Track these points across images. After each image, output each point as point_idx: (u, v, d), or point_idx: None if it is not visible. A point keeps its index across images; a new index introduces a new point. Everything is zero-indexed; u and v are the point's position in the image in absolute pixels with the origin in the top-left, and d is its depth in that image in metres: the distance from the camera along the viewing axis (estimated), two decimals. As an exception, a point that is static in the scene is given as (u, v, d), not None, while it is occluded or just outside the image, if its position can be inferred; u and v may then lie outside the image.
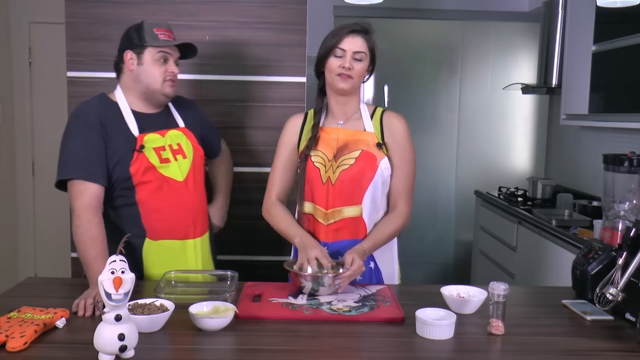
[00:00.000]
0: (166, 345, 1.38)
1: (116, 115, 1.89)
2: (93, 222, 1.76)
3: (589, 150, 3.69)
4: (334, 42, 1.81)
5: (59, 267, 3.94)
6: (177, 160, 1.91)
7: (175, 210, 1.90)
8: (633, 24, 2.88)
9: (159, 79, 1.89)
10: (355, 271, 1.69)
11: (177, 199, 1.90)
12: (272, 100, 2.54)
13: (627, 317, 1.54)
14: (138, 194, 1.86)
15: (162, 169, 1.88)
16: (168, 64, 1.91)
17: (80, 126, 1.85)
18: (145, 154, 1.85)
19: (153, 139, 1.89)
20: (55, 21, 3.64)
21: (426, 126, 4.45)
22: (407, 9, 4.39)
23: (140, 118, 1.91)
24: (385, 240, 1.86)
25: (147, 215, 1.87)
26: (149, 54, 1.88)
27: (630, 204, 1.78)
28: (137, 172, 1.84)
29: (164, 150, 1.90)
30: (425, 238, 4.50)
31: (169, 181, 1.89)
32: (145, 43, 1.88)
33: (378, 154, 1.84)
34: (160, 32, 1.90)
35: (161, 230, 1.89)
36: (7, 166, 4.15)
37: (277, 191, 1.93)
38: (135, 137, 1.86)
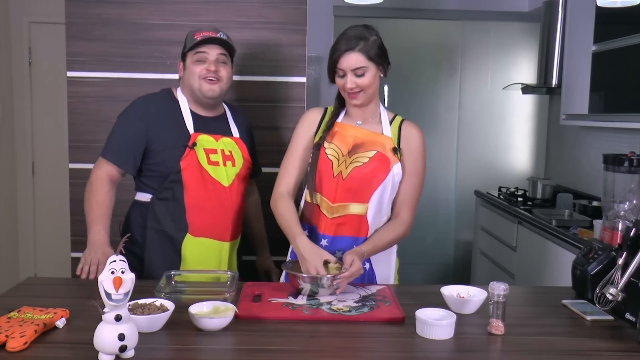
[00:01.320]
0: (166, 345, 1.38)
1: (175, 111, 2.01)
2: (101, 190, 1.92)
3: (589, 150, 3.69)
4: (333, 62, 1.81)
5: (59, 267, 3.95)
6: (226, 166, 2.00)
7: (218, 213, 1.98)
8: (633, 24, 2.88)
9: (196, 77, 1.97)
10: (354, 272, 1.69)
11: (220, 202, 1.98)
12: (272, 100, 2.54)
13: (627, 317, 1.54)
14: (186, 191, 1.94)
15: (210, 170, 1.96)
16: (206, 63, 1.97)
17: (129, 115, 2.00)
18: (196, 151, 1.94)
19: (206, 140, 1.98)
20: (55, 21, 3.65)
21: (426, 126, 4.43)
22: (407, 9, 4.39)
23: (197, 118, 2.02)
24: (384, 246, 1.87)
25: (191, 212, 1.95)
26: (189, 58, 2.00)
27: (630, 204, 1.78)
28: (187, 168, 1.93)
29: (215, 154, 1.98)
30: (425, 238, 4.50)
31: (215, 183, 1.97)
32: (185, 50, 2.01)
33: (392, 158, 1.85)
34: (199, 35, 1.97)
35: (202, 228, 1.97)
36: (7, 166, 4.15)
37: (288, 181, 1.90)
38: (189, 134, 1.96)
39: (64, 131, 2.56)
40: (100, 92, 2.49)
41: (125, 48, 2.49)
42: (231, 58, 2.05)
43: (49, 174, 4.22)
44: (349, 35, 1.80)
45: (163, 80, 2.49)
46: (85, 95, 2.50)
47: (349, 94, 1.83)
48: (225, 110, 2.14)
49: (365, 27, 1.83)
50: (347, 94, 1.83)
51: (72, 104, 2.51)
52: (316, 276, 1.66)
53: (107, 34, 2.47)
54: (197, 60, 1.97)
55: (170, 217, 1.96)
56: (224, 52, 2.01)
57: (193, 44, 1.96)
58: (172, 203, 1.96)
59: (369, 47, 1.79)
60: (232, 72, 2.07)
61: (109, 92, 2.49)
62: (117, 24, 2.47)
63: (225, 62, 2.01)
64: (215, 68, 1.97)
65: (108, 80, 2.50)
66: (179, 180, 1.94)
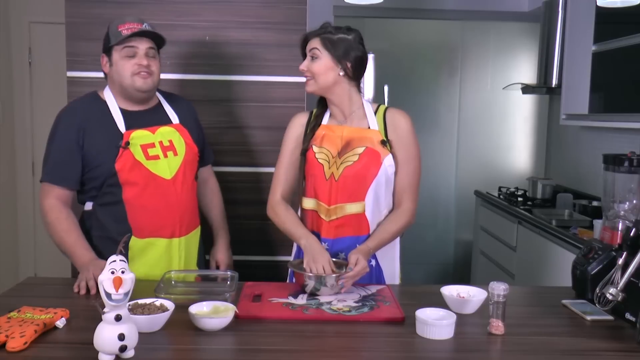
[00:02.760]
0: (166, 345, 1.38)
1: (103, 113, 1.90)
2: (60, 218, 1.85)
3: (589, 150, 3.69)
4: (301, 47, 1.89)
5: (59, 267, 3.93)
6: (167, 157, 1.91)
7: (162, 209, 1.90)
8: (633, 24, 2.88)
9: (127, 74, 1.87)
10: (359, 272, 1.69)
11: (164, 197, 1.90)
12: (272, 100, 2.54)
13: (627, 317, 1.54)
14: (125, 193, 1.86)
15: (149, 166, 1.87)
16: (136, 58, 1.87)
17: (58, 128, 1.92)
18: (131, 150, 1.85)
19: (141, 135, 1.89)
20: (55, 21, 3.64)
21: (426, 126, 4.45)
22: (407, 9, 4.39)
23: (128, 115, 1.92)
24: (390, 238, 1.86)
25: (133, 213, 1.88)
26: (116, 53, 1.88)
27: (630, 204, 1.78)
28: (122, 169, 1.84)
29: (153, 147, 1.89)
30: (426, 238, 4.50)
31: (156, 179, 1.88)
32: (110, 44, 1.88)
33: (382, 151, 1.84)
34: (124, 28, 1.86)
35: (147, 228, 1.90)
36: (7, 166, 4.14)
37: (282, 189, 1.92)
38: (121, 133, 1.87)
39: (64, 131, 2.54)
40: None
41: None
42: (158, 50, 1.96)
43: (49, 174, 4.22)
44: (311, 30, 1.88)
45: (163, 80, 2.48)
46: (85, 95, 2.49)
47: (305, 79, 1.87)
48: (159, 99, 2.03)
49: (347, 28, 1.86)
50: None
51: (72, 104, 2.50)
52: (321, 275, 1.66)
53: (107, 34, 2.47)
54: (126, 55, 1.86)
55: (114, 221, 1.88)
56: (153, 45, 1.91)
57: (121, 38, 1.85)
58: (113, 207, 1.88)
59: (330, 38, 1.83)
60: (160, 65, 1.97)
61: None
62: (117, 24, 2.47)
63: (154, 55, 1.92)
64: (147, 62, 1.87)
65: (108, 80, 2.49)
66: (116, 182, 1.85)
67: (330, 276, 1.66)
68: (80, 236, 1.85)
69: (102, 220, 1.89)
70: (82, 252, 1.81)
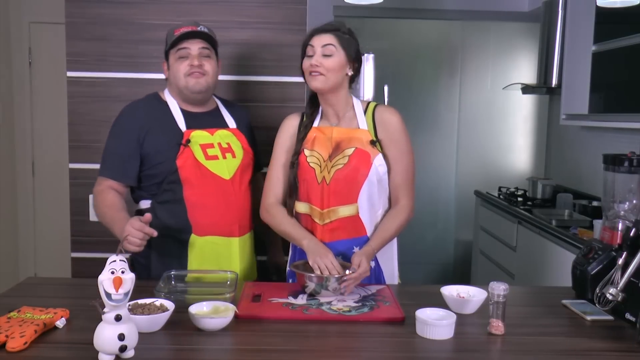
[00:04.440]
0: (166, 345, 1.38)
1: (164, 113, 1.96)
2: (107, 197, 1.90)
3: (589, 150, 3.69)
4: (304, 42, 1.84)
5: (59, 267, 3.95)
6: (226, 159, 1.95)
7: (221, 208, 1.92)
8: (633, 24, 2.88)
9: (181, 75, 1.92)
10: (361, 274, 1.69)
11: (224, 196, 1.93)
12: (272, 100, 2.54)
13: (627, 317, 1.54)
14: (185, 191, 1.89)
15: (209, 165, 1.91)
16: (189, 59, 1.92)
17: (119, 125, 1.96)
18: (192, 148, 1.89)
19: (200, 135, 1.93)
20: (55, 21, 3.64)
21: (426, 126, 4.46)
22: (407, 9, 4.39)
23: (188, 116, 1.97)
24: (391, 236, 1.86)
25: (193, 211, 1.90)
26: (172, 56, 1.95)
27: (630, 204, 1.78)
28: (183, 166, 1.88)
29: (212, 148, 1.93)
30: (425, 238, 4.50)
31: (216, 178, 1.91)
32: (167, 48, 1.96)
33: (372, 151, 1.83)
34: (179, 31, 1.92)
35: (207, 226, 1.91)
36: (7, 166, 4.15)
37: (275, 192, 1.91)
38: (182, 132, 1.92)
39: (64, 131, 2.55)
40: (100, 92, 2.49)
41: (125, 48, 2.48)
42: (215, 51, 2.00)
43: (49, 174, 4.22)
44: (327, 23, 1.85)
45: (163, 80, 2.48)
46: (85, 95, 2.49)
47: (311, 73, 1.81)
48: (217, 103, 2.09)
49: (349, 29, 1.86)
50: (309, 74, 1.82)
51: (72, 104, 2.50)
52: (323, 276, 1.66)
53: (107, 34, 2.47)
54: (180, 57, 1.92)
55: (173, 219, 1.90)
56: (207, 45, 1.95)
57: (173, 41, 1.91)
58: (173, 205, 1.90)
59: (343, 36, 1.83)
60: (219, 66, 2.02)
61: (109, 92, 2.49)
62: (117, 24, 2.47)
63: (209, 55, 1.95)
64: (199, 62, 1.91)
65: (108, 80, 2.50)
66: (177, 180, 1.89)
67: (333, 278, 1.66)
68: (124, 210, 1.87)
69: (161, 218, 1.90)
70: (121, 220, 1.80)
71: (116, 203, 1.88)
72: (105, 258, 1.26)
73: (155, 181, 1.92)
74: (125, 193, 1.96)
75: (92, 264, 2.49)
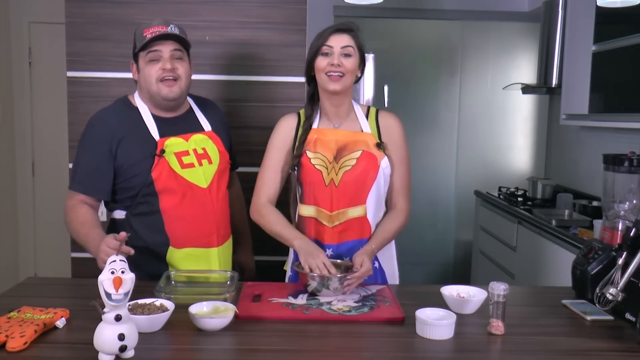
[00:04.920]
0: (166, 345, 1.38)
1: (136, 121, 1.86)
2: (79, 212, 1.81)
3: (589, 150, 3.69)
4: (321, 42, 1.79)
5: (59, 267, 3.94)
6: (202, 166, 1.86)
7: (199, 219, 1.86)
8: (633, 24, 2.88)
9: (153, 80, 1.82)
10: (364, 273, 1.69)
11: (201, 206, 1.86)
12: (272, 100, 2.54)
13: (627, 317, 1.54)
14: (162, 203, 1.83)
15: (185, 175, 1.83)
16: (161, 62, 1.82)
17: (90, 137, 1.86)
18: (166, 158, 1.81)
19: (175, 143, 1.84)
20: (55, 21, 3.64)
21: (426, 126, 4.45)
22: (407, 9, 4.39)
23: (161, 122, 1.87)
24: (390, 238, 1.88)
25: (170, 224, 1.84)
26: (142, 59, 1.84)
27: (630, 204, 1.78)
28: (159, 177, 1.81)
29: (187, 155, 1.85)
30: (425, 238, 4.50)
31: (193, 187, 1.84)
32: (136, 50, 1.85)
33: (378, 154, 1.84)
34: (149, 32, 1.81)
35: (185, 238, 1.86)
36: (7, 166, 4.15)
37: (267, 193, 1.87)
38: (155, 141, 1.83)
39: (64, 131, 2.55)
40: (100, 92, 2.49)
41: (125, 48, 2.46)
42: (187, 52, 1.90)
43: (49, 174, 4.22)
44: (339, 23, 1.83)
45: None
46: (85, 95, 2.50)
47: (330, 76, 1.78)
48: (190, 105, 1.99)
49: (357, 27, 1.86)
50: (328, 76, 1.78)
51: (72, 104, 2.51)
52: (326, 276, 1.66)
53: (107, 34, 2.47)
54: (151, 60, 1.81)
55: (149, 231, 1.84)
56: (179, 47, 1.84)
57: (143, 43, 1.79)
58: (149, 216, 1.83)
59: (358, 38, 1.83)
60: (191, 68, 1.93)
61: (109, 92, 2.49)
62: (117, 24, 2.47)
63: (181, 57, 1.85)
64: (171, 66, 1.81)
65: (108, 80, 2.50)
66: (153, 192, 1.81)
67: (335, 277, 1.66)
68: (98, 226, 1.77)
69: (137, 230, 1.83)
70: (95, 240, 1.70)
71: (89, 219, 1.79)
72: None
73: (130, 194, 1.84)
74: (99, 205, 1.89)
75: (92, 264, 2.46)
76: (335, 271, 1.67)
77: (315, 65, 1.81)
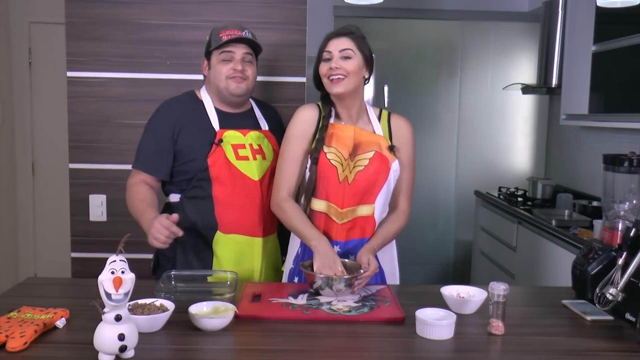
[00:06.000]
0: (166, 345, 1.38)
1: (200, 112, 2.00)
2: (140, 190, 1.93)
3: (589, 150, 3.69)
4: (321, 48, 1.84)
5: (59, 267, 3.94)
6: (257, 160, 1.97)
7: (248, 208, 1.95)
8: (633, 24, 2.88)
9: (223, 77, 1.97)
10: (373, 271, 1.71)
11: (251, 197, 1.95)
12: (272, 100, 2.54)
13: (627, 317, 1.54)
14: (214, 189, 1.93)
15: (239, 166, 1.94)
16: (232, 63, 1.96)
17: (155, 121, 2.01)
18: (223, 148, 1.93)
19: (233, 135, 1.96)
20: (55, 21, 3.65)
21: (426, 126, 4.45)
22: (407, 9, 4.39)
23: (222, 116, 2.01)
24: (391, 238, 1.90)
25: (220, 209, 1.94)
26: (214, 57, 1.99)
27: (630, 204, 1.78)
28: (214, 165, 1.92)
29: (243, 148, 1.96)
30: (425, 238, 4.50)
31: (245, 179, 1.94)
32: (210, 48, 1.99)
33: (390, 157, 1.86)
34: (225, 34, 1.96)
35: (232, 225, 1.95)
36: (7, 166, 4.15)
37: (288, 186, 1.86)
38: (215, 131, 1.96)
39: (64, 131, 2.55)
40: (100, 92, 2.49)
41: (125, 48, 2.49)
42: (256, 56, 2.06)
43: (49, 174, 4.23)
44: (339, 27, 1.85)
45: (163, 80, 2.49)
46: (85, 95, 2.50)
47: (332, 80, 1.80)
48: (252, 105, 2.13)
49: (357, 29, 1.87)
50: (329, 81, 1.81)
51: (72, 104, 2.51)
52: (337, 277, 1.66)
53: (107, 34, 2.47)
54: (223, 59, 1.97)
55: (200, 214, 1.94)
56: (250, 51, 2.01)
57: (220, 44, 1.95)
58: (201, 201, 1.94)
59: (359, 39, 1.84)
60: (257, 71, 2.08)
61: (109, 92, 2.49)
62: (117, 24, 2.47)
63: (251, 61, 2.02)
64: (242, 67, 1.97)
65: (108, 80, 2.50)
66: (207, 177, 1.93)
67: (342, 278, 1.65)
68: (154, 204, 1.90)
69: (189, 213, 1.95)
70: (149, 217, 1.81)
71: (147, 197, 1.92)
72: (105, 258, 1.26)
73: (185, 177, 1.96)
74: (158, 187, 2.01)
75: (92, 264, 2.49)
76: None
77: (319, 71, 1.85)
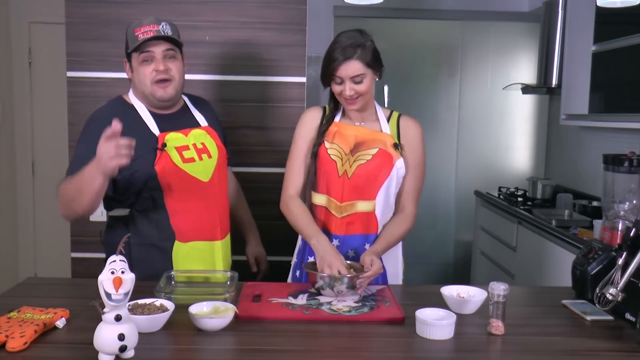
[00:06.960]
0: (166, 345, 1.38)
1: (134, 117, 1.85)
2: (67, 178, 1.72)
3: (589, 150, 3.69)
4: (331, 70, 1.80)
5: (59, 267, 3.95)
6: (203, 160, 1.88)
7: (203, 212, 1.88)
8: (633, 24, 2.88)
9: (147, 81, 1.82)
10: (376, 272, 1.70)
11: (204, 200, 1.88)
12: (272, 100, 2.54)
13: (627, 317, 1.54)
14: (166, 197, 1.83)
15: (186, 169, 1.84)
16: (154, 63, 1.82)
17: (92, 133, 1.77)
18: (168, 152, 1.82)
19: (175, 137, 1.85)
20: (55, 21, 3.64)
21: (426, 126, 4.39)
22: (407, 9, 4.39)
23: (159, 118, 1.88)
24: (396, 241, 1.89)
25: (175, 218, 1.85)
26: (135, 59, 1.83)
27: (630, 204, 1.78)
28: (162, 171, 1.80)
29: (188, 150, 1.86)
30: (426, 238, 4.50)
31: (195, 181, 1.85)
32: (128, 50, 1.84)
33: (394, 154, 1.86)
34: (140, 32, 1.80)
35: (190, 232, 1.87)
36: (7, 166, 4.15)
37: (296, 183, 1.90)
38: (156, 136, 1.83)
39: (64, 131, 2.55)
40: (100, 92, 2.49)
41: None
42: (180, 49, 1.89)
43: (49, 174, 4.22)
44: (346, 44, 1.79)
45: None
46: (85, 95, 2.50)
47: (348, 100, 1.83)
48: (185, 101, 1.99)
49: (360, 33, 1.84)
50: (345, 100, 1.84)
51: (72, 104, 2.51)
52: (339, 276, 1.66)
53: (107, 34, 2.47)
54: (144, 60, 1.81)
55: (155, 227, 1.84)
56: (171, 46, 1.83)
57: (136, 45, 1.79)
58: (154, 212, 1.84)
59: (366, 53, 1.80)
60: (185, 65, 1.91)
61: (109, 92, 2.49)
62: (117, 24, 2.47)
63: (174, 56, 1.85)
64: (164, 67, 1.81)
65: (108, 80, 2.50)
66: (157, 186, 1.81)
67: (345, 278, 1.65)
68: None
69: (142, 227, 1.85)
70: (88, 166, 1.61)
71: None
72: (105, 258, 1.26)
73: (134, 189, 1.82)
74: None
75: (92, 264, 2.49)
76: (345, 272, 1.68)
77: (331, 86, 1.85)
